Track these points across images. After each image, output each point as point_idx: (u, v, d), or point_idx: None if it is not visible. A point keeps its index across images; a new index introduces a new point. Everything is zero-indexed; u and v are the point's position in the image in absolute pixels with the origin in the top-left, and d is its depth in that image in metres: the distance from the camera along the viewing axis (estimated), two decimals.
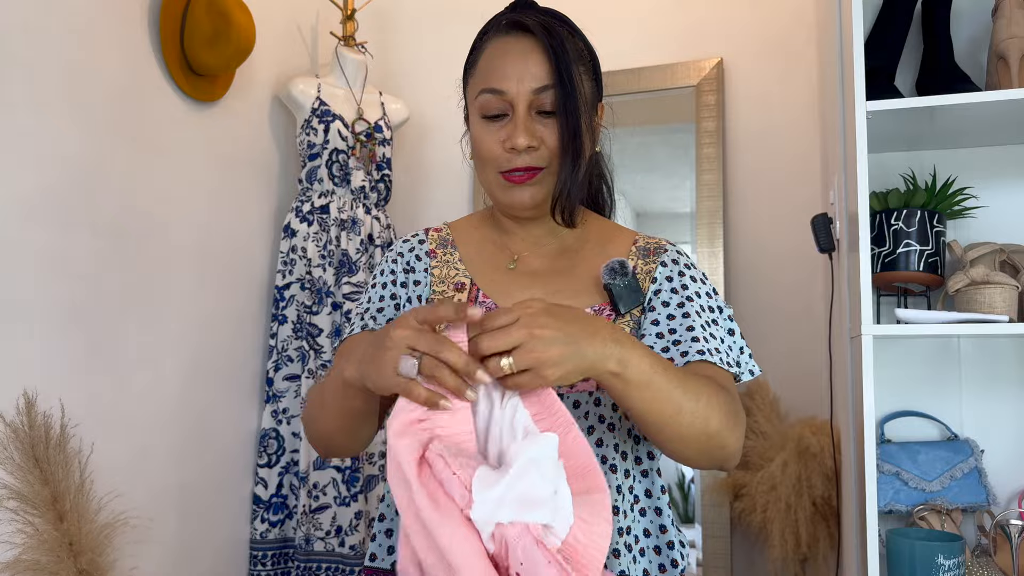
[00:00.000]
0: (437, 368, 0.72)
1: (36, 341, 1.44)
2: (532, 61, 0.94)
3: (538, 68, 0.94)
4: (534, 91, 0.94)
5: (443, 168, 2.40)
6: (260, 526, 1.97)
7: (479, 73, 0.98)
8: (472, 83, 1.00)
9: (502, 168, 0.96)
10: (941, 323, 1.40)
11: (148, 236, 1.71)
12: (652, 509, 0.97)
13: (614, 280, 0.95)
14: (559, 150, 0.95)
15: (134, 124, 1.68)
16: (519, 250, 1.04)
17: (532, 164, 0.95)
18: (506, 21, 0.98)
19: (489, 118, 0.97)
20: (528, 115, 0.95)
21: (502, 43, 0.97)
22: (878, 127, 1.47)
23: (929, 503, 1.54)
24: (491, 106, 0.96)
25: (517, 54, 0.95)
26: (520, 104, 0.94)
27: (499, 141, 0.95)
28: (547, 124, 0.95)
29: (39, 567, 1.36)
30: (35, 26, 1.45)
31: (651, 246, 1.04)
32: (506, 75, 0.95)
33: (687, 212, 2.13)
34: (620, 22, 2.23)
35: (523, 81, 0.94)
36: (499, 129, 0.96)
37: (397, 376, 0.73)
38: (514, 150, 0.94)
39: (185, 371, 1.81)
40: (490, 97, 0.95)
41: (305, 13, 2.30)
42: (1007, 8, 1.50)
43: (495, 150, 0.96)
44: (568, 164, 0.94)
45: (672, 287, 0.98)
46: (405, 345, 0.73)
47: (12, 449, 1.37)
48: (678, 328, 0.94)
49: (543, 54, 0.94)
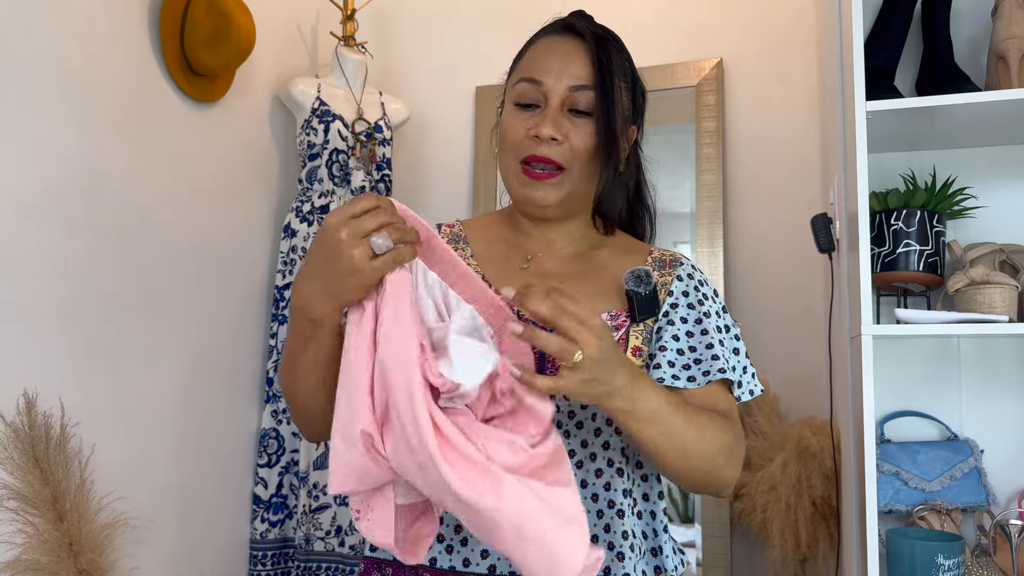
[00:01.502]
0: (407, 234, 0.75)
1: (36, 341, 1.44)
2: (576, 61, 0.97)
3: (580, 68, 0.97)
4: (571, 88, 0.96)
5: (443, 168, 2.40)
6: (260, 526, 1.98)
7: (522, 65, 1.01)
8: (514, 75, 1.02)
9: (521, 154, 0.97)
10: (941, 323, 1.40)
11: (148, 236, 1.71)
12: (648, 512, 0.98)
13: (637, 287, 0.96)
14: (587, 151, 0.96)
15: (134, 124, 1.68)
16: (533, 250, 1.04)
17: (551, 157, 0.95)
18: (560, 24, 1.02)
19: (522, 106, 0.98)
20: (560, 110, 0.96)
21: (551, 41, 1.00)
22: (878, 127, 1.47)
23: (929, 503, 1.54)
24: (526, 95, 0.98)
25: (563, 52, 0.98)
26: (554, 98, 0.96)
27: (525, 128, 0.97)
28: (577, 124, 0.96)
29: (39, 567, 1.36)
30: (35, 26, 1.45)
31: (667, 258, 1.05)
32: (547, 69, 0.97)
33: (687, 212, 2.13)
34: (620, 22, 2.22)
35: (562, 77, 0.96)
36: (528, 118, 0.97)
37: (376, 259, 0.73)
38: (537, 138, 0.95)
39: (185, 371, 1.81)
40: (526, 86, 0.98)
41: (305, 13, 2.30)
42: (1007, 8, 1.50)
43: (519, 136, 0.97)
44: (609, 168, 0.97)
45: (689, 302, 0.99)
46: (362, 234, 0.73)
47: (12, 449, 1.37)
48: (698, 346, 0.95)
49: (587, 57, 0.97)
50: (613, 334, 0.83)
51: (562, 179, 0.96)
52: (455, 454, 0.69)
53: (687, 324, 0.97)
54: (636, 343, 0.96)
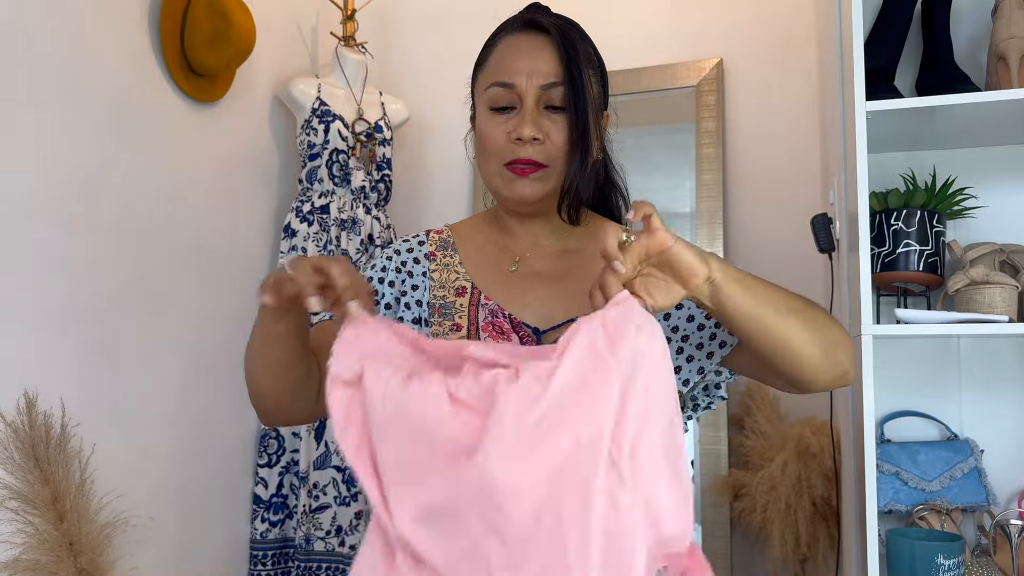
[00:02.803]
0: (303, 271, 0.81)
1: (36, 341, 1.44)
2: (543, 58, 0.96)
3: (548, 65, 0.96)
4: (543, 87, 0.95)
5: (443, 168, 2.40)
6: (260, 526, 1.97)
7: (490, 68, 1.00)
8: (482, 78, 1.01)
9: (505, 159, 0.96)
10: (941, 323, 1.40)
11: (148, 236, 1.71)
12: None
13: None
14: (567, 145, 0.95)
15: (134, 124, 1.68)
16: (521, 251, 1.04)
17: (534, 158, 0.95)
18: (520, 20, 1.00)
19: (497, 110, 0.97)
20: (536, 109, 0.96)
21: (515, 40, 0.99)
22: (878, 127, 1.47)
23: (929, 503, 1.54)
24: (500, 99, 0.97)
25: (529, 50, 0.97)
26: (528, 98, 0.95)
27: (505, 132, 0.96)
28: (554, 120, 0.96)
29: (39, 567, 1.36)
30: (35, 26, 1.45)
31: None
32: (517, 70, 0.96)
33: (687, 212, 2.13)
34: (620, 22, 2.23)
35: (533, 76, 0.95)
36: (506, 121, 0.97)
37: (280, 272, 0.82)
38: (520, 140, 0.95)
39: (185, 371, 1.81)
40: (499, 90, 0.97)
41: (305, 13, 2.30)
42: (1007, 8, 1.50)
43: (500, 140, 0.96)
44: (576, 160, 0.95)
45: None
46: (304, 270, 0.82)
47: (12, 449, 1.37)
48: (706, 324, 0.96)
49: (554, 52, 0.96)
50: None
51: (546, 173, 0.96)
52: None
53: (684, 308, 0.97)
54: None
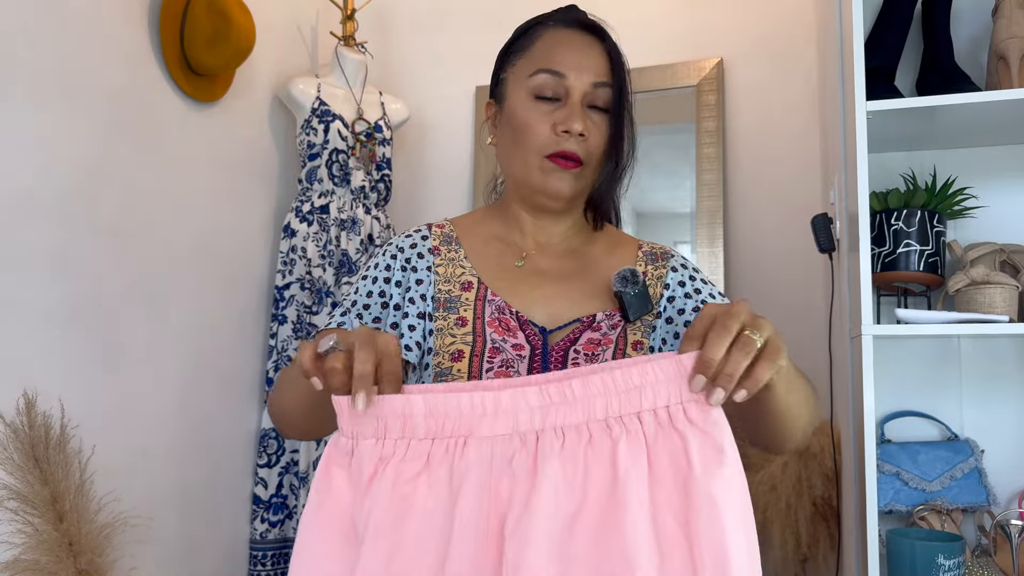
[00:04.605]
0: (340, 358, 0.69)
1: (36, 341, 1.44)
2: (593, 57, 0.97)
3: (598, 64, 0.97)
4: (593, 84, 0.96)
5: (443, 168, 2.40)
6: (260, 526, 1.97)
7: (535, 55, 0.98)
8: (523, 64, 0.99)
9: (548, 150, 0.96)
10: (941, 323, 1.40)
11: (148, 236, 1.71)
12: None
13: (625, 288, 0.96)
14: (605, 146, 0.96)
15: (134, 124, 1.68)
16: (527, 247, 1.03)
17: (577, 152, 0.95)
18: (566, 18, 1.00)
19: (542, 99, 0.97)
20: (581, 105, 0.96)
21: (563, 33, 0.99)
22: (878, 127, 1.47)
23: (929, 503, 1.54)
24: (547, 87, 0.96)
25: (580, 47, 0.97)
26: (576, 92, 0.95)
27: (550, 123, 0.95)
28: (596, 120, 0.96)
29: (39, 567, 1.36)
30: (35, 26, 1.45)
31: (657, 251, 1.05)
32: (567, 62, 0.96)
33: (687, 212, 2.13)
34: (620, 22, 2.22)
35: (584, 72, 0.95)
36: (552, 112, 0.96)
37: (315, 351, 0.71)
38: (567, 132, 0.94)
39: (185, 371, 1.81)
40: (548, 78, 0.96)
41: (305, 13, 2.30)
42: (1007, 8, 1.50)
43: (544, 131, 0.96)
44: (612, 162, 0.97)
45: (685, 292, 1.00)
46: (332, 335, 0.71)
47: (12, 449, 1.37)
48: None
49: (604, 53, 0.97)
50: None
51: (582, 171, 0.97)
52: None
53: (684, 315, 0.98)
54: (636, 338, 0.96)
